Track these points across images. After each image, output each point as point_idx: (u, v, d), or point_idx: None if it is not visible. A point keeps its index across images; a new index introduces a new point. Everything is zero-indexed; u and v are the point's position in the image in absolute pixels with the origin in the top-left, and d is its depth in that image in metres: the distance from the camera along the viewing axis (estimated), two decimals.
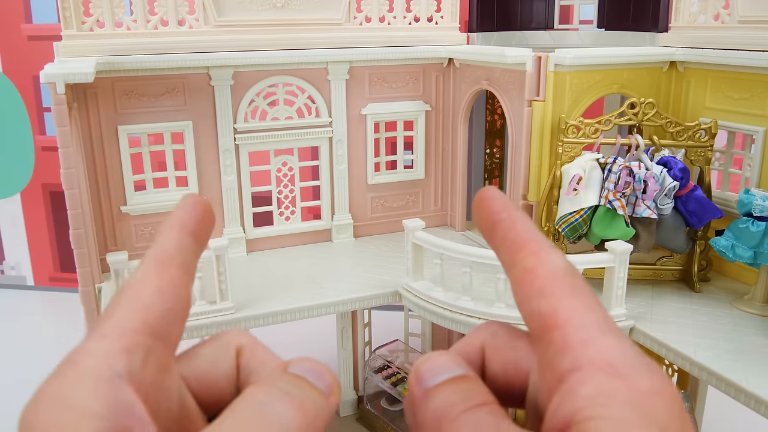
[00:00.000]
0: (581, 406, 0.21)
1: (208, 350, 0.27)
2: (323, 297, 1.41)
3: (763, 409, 1.02)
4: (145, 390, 0.22)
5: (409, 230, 1.38)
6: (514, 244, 0.26)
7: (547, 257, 0.25)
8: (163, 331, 0.24)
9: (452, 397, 0.24)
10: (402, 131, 1.83)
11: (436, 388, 0.24)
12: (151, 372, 0.23)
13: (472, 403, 0.23)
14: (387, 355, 1.91)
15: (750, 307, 1.32)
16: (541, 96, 1.46)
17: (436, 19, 1.79)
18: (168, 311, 0.24)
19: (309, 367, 0.25)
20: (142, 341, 0.23)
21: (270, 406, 0.22)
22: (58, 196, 2.77)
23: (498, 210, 0.27)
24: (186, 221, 0.28)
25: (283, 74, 1.65)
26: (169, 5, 1.51)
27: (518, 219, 0.27)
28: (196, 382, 0.27)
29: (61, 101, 1.14)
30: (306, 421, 0.22)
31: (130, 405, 0.21)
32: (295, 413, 0.22)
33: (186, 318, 0.26)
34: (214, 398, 0.27)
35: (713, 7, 1.50)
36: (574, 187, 1.36)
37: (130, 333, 0.23)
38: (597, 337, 0.23)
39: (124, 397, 0.21)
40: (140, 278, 0.25)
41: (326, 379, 0.24)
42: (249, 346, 0.28)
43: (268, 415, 0.22)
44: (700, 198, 1.36)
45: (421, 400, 0.24)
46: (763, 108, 1.38)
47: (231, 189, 1.66)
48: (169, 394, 0.24)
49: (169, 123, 1.56)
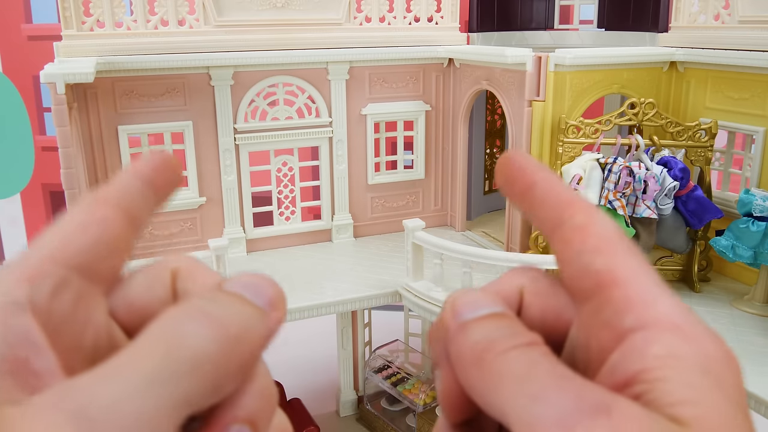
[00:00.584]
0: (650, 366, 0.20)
1: (141, 277, 0.25)
2: (323, 297, 1.41)
3: (763, 409, 1.02)
4: (56, 322, 0.21)
5: (409, 230, 1.38)
6: (559, 203, 0.25)
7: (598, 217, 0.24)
8: (83, 264, 0.22)
9: (496, 332, 0.22)
10: (402, 131, 1.83)
11: (475, 321, 0.22)
12: (63, 304, 0.21)
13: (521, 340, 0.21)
14: (387, 355, 1.91)
15: (750, 307, 1.32)
16: (541, 96, 1.46)
17: (436, 19, 1.79)
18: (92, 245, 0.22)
19: (247, 283, 0.21)
20: (52, 271, 0.21)
21: (183, 326, 0.19)
22: (58, 196, 2.77)
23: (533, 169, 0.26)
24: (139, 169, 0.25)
25: (283, 74, 1.65)
26: (169, 5, 1.51)
27: (556, 179, 0.26)
28: (125, 312, 0.24)
29: (61, 101, 1.14)
30: (226, 343, 0.19)
31: (26, 334, 0.19)
32: (210, 334, 0.19)
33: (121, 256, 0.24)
34: None
35: (713, 7, 1.50)
36: (574, 187, 1.36)
37: (38, 263, 0.21)
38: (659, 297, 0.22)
39: (19, 324, 0.19)
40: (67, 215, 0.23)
41: (265, 293, 0.21)
42: (187, 267, 0.25)
43: (175, 338, 0.19)
44: (700, 198, 1.36)
45: (458, 333, 0.22)
46: (763, 108, 1.38)
47: (231, 189, 1.66)
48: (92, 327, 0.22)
49: (169, 123, 1.56)
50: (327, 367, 2.18)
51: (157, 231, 1.61)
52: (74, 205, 0.24)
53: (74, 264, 0.22)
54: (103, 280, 0.23)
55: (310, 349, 2.34)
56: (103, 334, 0.23)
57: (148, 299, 0.24)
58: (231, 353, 0.19)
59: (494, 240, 1.77)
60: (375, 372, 1.87)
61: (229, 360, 0.19)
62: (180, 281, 0.25)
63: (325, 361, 2.20)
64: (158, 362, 0.18)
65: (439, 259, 1.34)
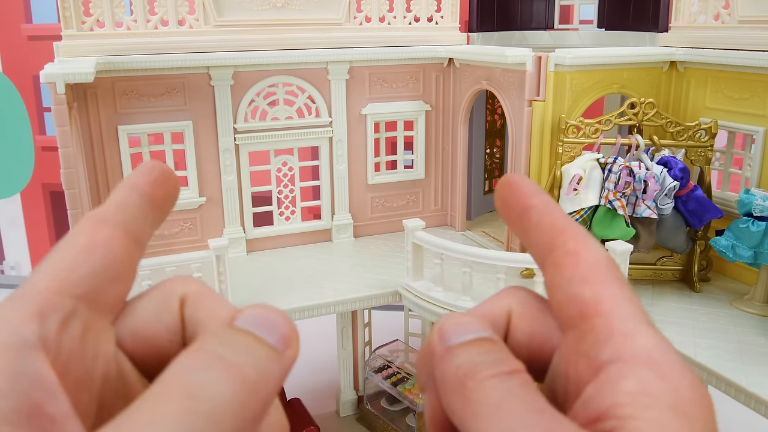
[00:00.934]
0: (622, 402, 0.20)
1: (147, 302, 0.24)
2: (323, 297, 1.41)
3: (763, 409, 1.02)
4: (65, 358, 0.20)
5: (409, 230, 1.37)
6: (553, 228, 0.25)
7: (590, 244, 0.24)
8: (89, 292, 0.21)
9: (480, 357, 0.22)
10: (402, 131, 1.83)
11: (460, 346, 0.22)
12: (71, 337, 0.20)
13: (503, 368, 0.21)
14: (387, 355, 1.91)
15: (750, 307, 1.32)
16: (541, 96, 1.46)
17: (436, 19, 1.79)
18: (97, 270, 0.22)
19: (257, 317, 0.21)
20: (59, 303, 0.20)
21: (199, 376, 0.19)
22: (58, 196, 2.77)
23: (531, 194, 0.26)
24: (137, 183, 0.25)
25: (283, 74, 1.65)
26: (169, 5, 1.51)
27: (553, 204, 0.26)
28: (132, 340, 0.23)
29: (61, 101, 1.14)
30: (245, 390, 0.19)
31: (39, 377, 0.19)
32: (229, 383, 0.19)
33: (125, 281, 0.23)
34: (156, 357, 0.24)
35: (713, 7, 1.50)
36: (575, 187, 1.36)
37: (46, 294, 0.20)
38: (641, 330, 0.22)
39: (32, 368, 0.19)
40: (69, 238, 0.22)
41: (278, 329, 0.21)
42: (194, 294, 0.24)
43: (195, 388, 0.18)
44: (700, 198, 1.36)
45: (443, 357, 0.22)
46: (763, 108, 1.38)
47: (231, 189, 1.66)
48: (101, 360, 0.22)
49: (169, 123, 1.56)
50: (327, 367, 2.18)
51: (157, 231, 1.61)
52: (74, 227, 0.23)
53: (80, 293, 0.21)
54: (109, 308, 0.23)
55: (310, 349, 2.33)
56: (111, 366, 0.22)
57: (155, 328, 0.24)
58: (250, 401, 0.19)
59: (494, 240, 1.77)
60: (375, 372, 1.86)
61: (247, 408, 0.19)
62: (188, 309, 0.24)
63: (325, 361, 2.20)
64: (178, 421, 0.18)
65: (439, 259, 1.34)
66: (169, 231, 1.63)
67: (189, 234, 1.65)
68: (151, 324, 0.23)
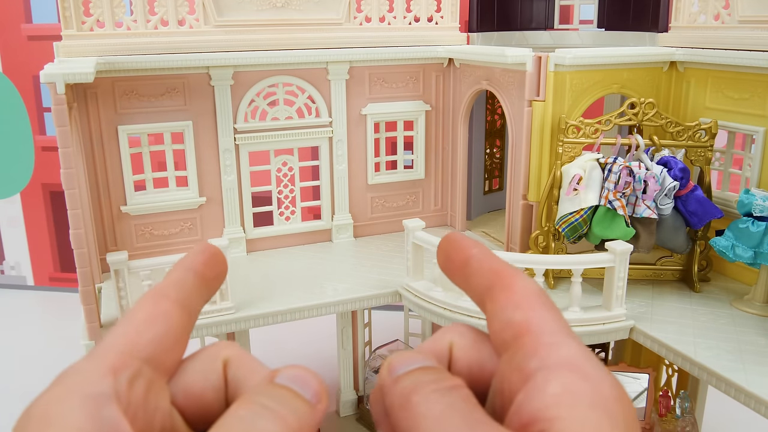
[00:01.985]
0: (548, 404, 0.22)
1: (195, 364, 0.28)
2: (323, 297, 1.41)
3: (763, 409, 1.02)
4: (133, 410, 0.23)
5: (409, 230, 1.38)
6: (491, 271, 0.28)
7: (522, 279, 0.28)
8: (152, 356, 0.25)
9: (423, 377, 0.24)
10: (402, 131, 1.83)
11: (406, 373, 0.25)
12: (138, 393, 0.24)
13: (444, 384, 0.24)
14: (387, 355, 1.91)
15: (750, 307, 1.32)
16: (541, 96, 1.46)
17: (436, 19, 1.79)
18: (158, 338, 0.26)
19: (294, 376, 0.25)
20: (129, 363, 0.24)
21: (251, 423, 0.22)
22: (58, 196, 2.77)
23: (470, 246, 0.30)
24: (191, 263, 0.29)
25: (283, 74, 1.65)
26: (169, 5, 1.51)
27: (490, 252, 0.30)
28: (183, 397, 0.27)
29: (61, 101, 1.14)
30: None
31: (116, 423, 0.22)
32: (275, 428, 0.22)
33: (181, 347, 0.27)
34: (202, 413, 0.27)
35: (713, 7, 1.50)
36: (575, 187, 1.36)
37: (118, 355, 0.24)
38: (564, 341, 0.24)
39: (110, 415, 0.22)
40: (134, 309, 0.27)
41: (312, 386, 0.25)
42: (236, 357, 0.28)
43: None
44: (701, 198, 1.36)
45: (391, 386, 0.25)
46: (763, 108, 1.38)
47: (231, 189, 1.66)
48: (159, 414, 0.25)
49: (169, 123, 1.56)
50: (327, 367, 2.18)
51: (157, 231, 1.61)
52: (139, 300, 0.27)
53: (145, 355, 0.25)
54: (167, 369, 0.26)
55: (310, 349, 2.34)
56: (167, 419, 0.25)
57: (203, 387, 0.27)
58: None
59: (494, 240, 1.77)
60: (375, 372, 1.86)
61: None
62: (231, 370, 0.27)
63: (325, 361, 2.20)
64: None
65: None
66: (169, 231, 1.63)
67: (189, 234, 1.65)
68: (200, 384, 0.27)
